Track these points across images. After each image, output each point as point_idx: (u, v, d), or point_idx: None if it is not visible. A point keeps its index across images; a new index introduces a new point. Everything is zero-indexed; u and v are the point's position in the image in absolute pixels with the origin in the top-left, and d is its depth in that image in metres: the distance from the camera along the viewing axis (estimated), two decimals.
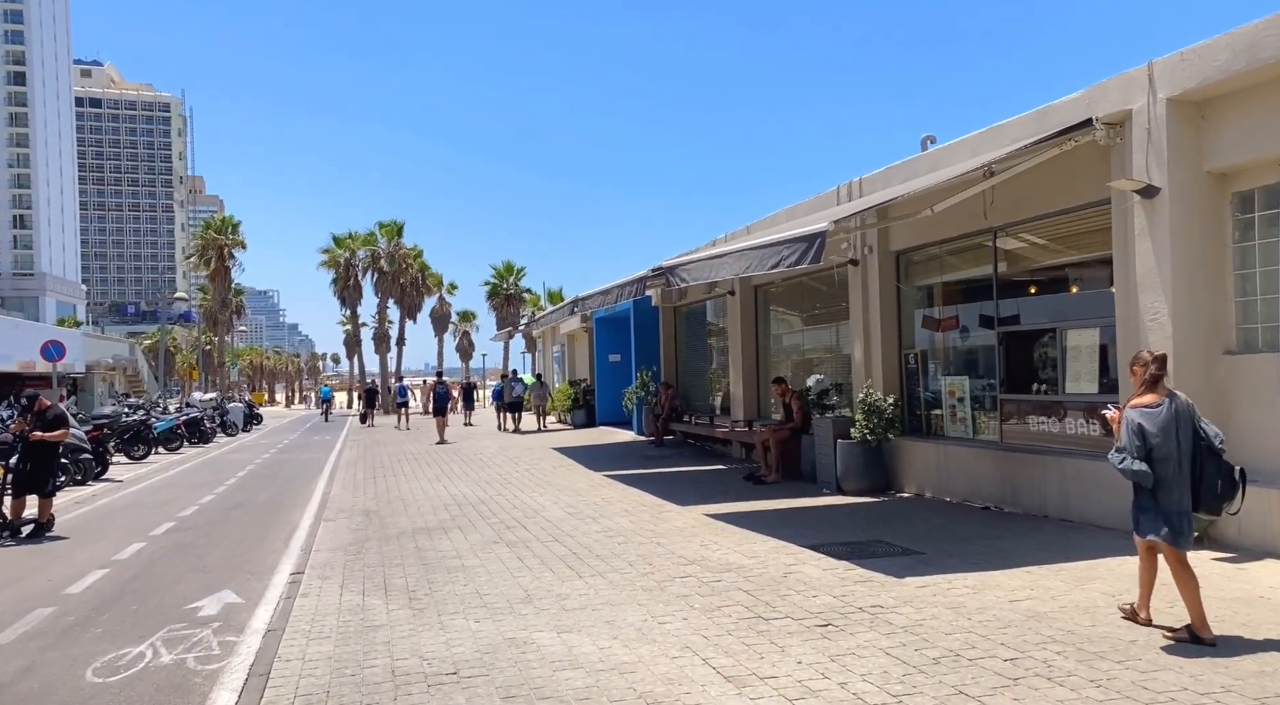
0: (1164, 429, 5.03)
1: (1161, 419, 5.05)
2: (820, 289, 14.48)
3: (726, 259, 9.25)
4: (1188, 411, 5.12)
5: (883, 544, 8.24)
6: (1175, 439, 5.04)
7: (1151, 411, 5.07)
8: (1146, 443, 5.02)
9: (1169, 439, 5.03)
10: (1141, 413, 5.09)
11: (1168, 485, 5.04)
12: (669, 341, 20.97)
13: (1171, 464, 5.03)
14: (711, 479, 13.96)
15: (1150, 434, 5.03)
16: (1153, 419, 5.05)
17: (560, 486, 13.63)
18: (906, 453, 11.24)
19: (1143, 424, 5.05)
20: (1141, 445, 5.03)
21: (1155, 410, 5.07)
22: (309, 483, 15.96)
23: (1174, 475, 5.03)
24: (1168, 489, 5.04)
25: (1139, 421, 5.05)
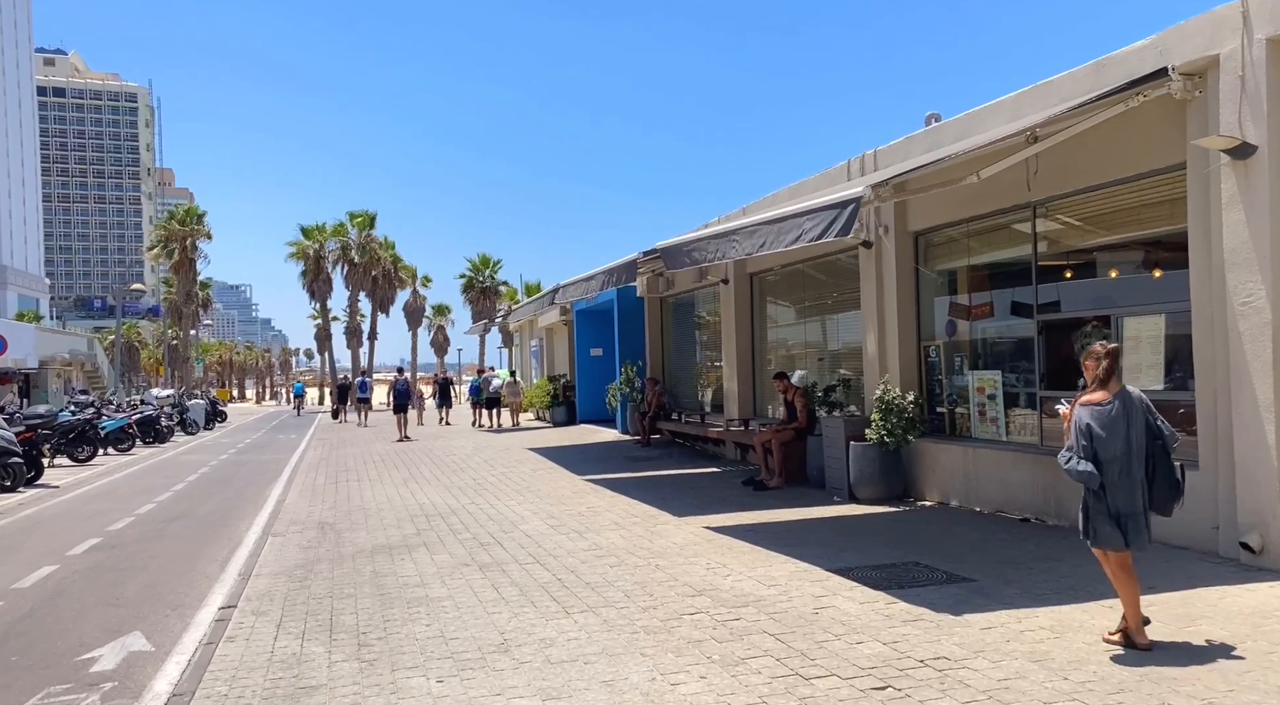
0: (1111, 428, 4.80)
1: (1109, 418, 4.81)
2: (821, 277, 13.28)
3: (735, 236, 8.01)
4: (1140, 408, 4.87)
5: (921, 567, 7.04)
6: (1125, 439, 4.80)
7: (1100, 410, 4.84)
8: (1093, 443, 4.81)
9: (1116, 439, 4.80)
10: (1090, 411, 4.87)
11: (1114, 487, 4.81)
12: (655, 334, 19.72)
13: (1118, 465, 4.80)
14: (707, 484, 12.73)
15: (1097, 434, 4.81)
16: (1100, 418, 4.83)
17: (541, 493, 12.35)
18: (928, 456, 10.07)
19: (1090, 423, 4.83)
20: (1088, 445, 4.82)
21: (1104, 408, 4.84)
22: (264, 488, 14.56)
23: (1121, 476, 4.81)
24: (1114, 490, 4.82)
25: (1086, 421, 4.84)
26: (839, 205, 6.42)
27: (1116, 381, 4.93)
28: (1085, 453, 4.84)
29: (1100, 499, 4.86)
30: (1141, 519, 4.85)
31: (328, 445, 23.13)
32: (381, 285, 51.55)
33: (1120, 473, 4.80)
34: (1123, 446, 4.79)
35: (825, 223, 6.48)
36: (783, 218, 7.19)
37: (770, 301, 14.80)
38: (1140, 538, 4.84)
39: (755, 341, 15.02)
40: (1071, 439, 4.94)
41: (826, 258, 12.67)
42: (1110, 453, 4.80)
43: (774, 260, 13.99)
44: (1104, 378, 4.90)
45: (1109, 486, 4.82)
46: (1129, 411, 4.83)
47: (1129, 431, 4.80)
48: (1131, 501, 4.82)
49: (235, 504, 12.89)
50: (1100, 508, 4.87)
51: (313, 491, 13.65)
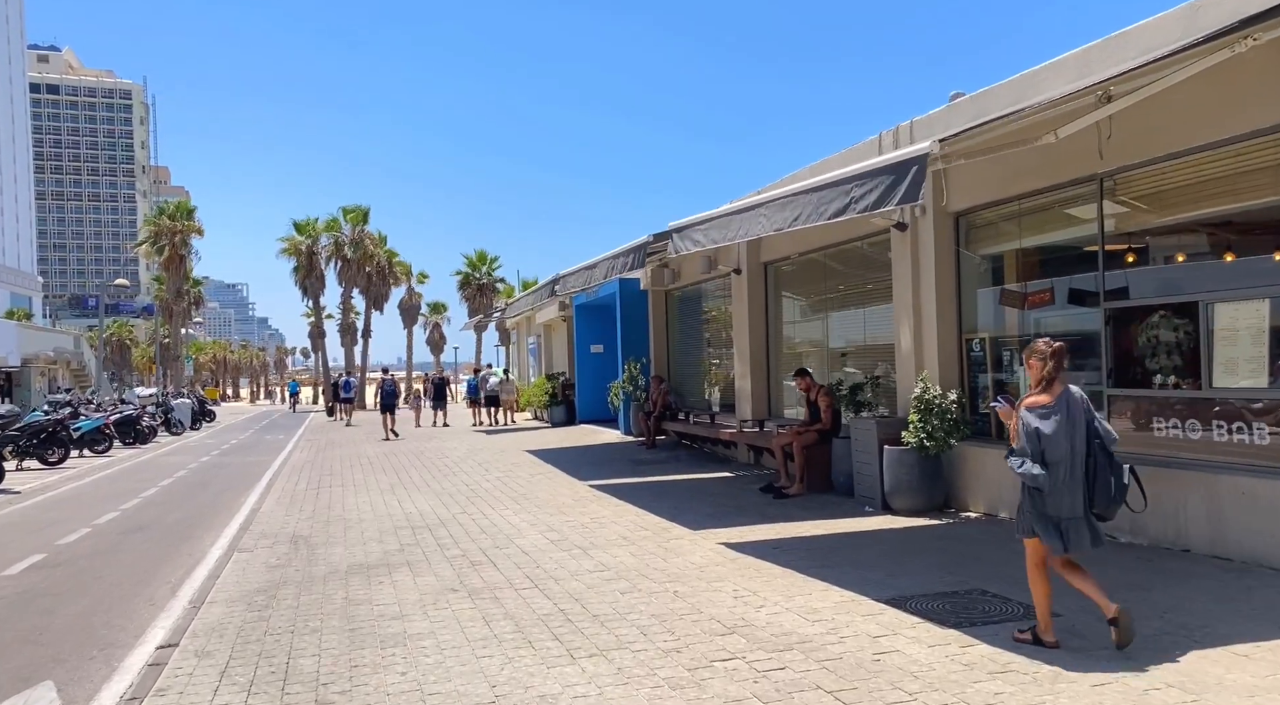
0: (1058, 431, 4.71)
1: (1056, 421, 4.71)
2: (843, 266, 12.21)
3: (764, 210, 6.94)
4: (1082, 409, 4.78)
5: (990, 598, 5.97)
6: (1069, 441, 4.71)
7: (1046, 411, 4.74)
8: (1041, 445, 4.71)
9: (1062, 442, 4.71)
10: (1037, 414, 4.76)
11: (1058, 490, 4.72)
12: (660, 329, 18.65)
13: (1064, 467, 4.71)
14: (720, 490, 11.66)
15: (1045, 436, 4.70)
16: (1048, 421, 4.72)
17: (539, 501, 11.27)
18: (973, 462, 9.01)
19: (1039, 427, 4.72)
20: (1036, 448, 4.72)
21: (1051, 411, 4.74)
22: (240, 494, 13.47)
23: (1065, 479, 4.72)
24: (1059, 494, 4.72)
25: (1035, 424, 4.73)
26: (896, 167, 5.35)
27: (1060, 382, 4.82)
28: (1034, 456, 4.71)
29: (1042, 502, 4.75)
30: (1083, 522, 4.74)
31: (315, 447, 22.04)
32: (375, 282, 50.38)
33: (1065, 476, 4.70)
34: (1067, 449, 4.70)
35: (881, 189, 5.41)
36: (824, 186, 6.12)
37: (787, 293, 13.73)
38: (1081, 541, 4.74)
39: (770, 336, 13.95)
40: (1020, 442, 4.80)
41: (850, 244, 11.61)
42: (1057, 455, 4.69)
43: (792, 247, 12.93)
44: (1049, 378, 4.79)
45: (1053, 490, 4.71)
46: (1073, 413, 4.73)
47: (1073, 433, 4.71)
48: (1074, 505, 4.72)
49: (206, 512, 11.80)
50: (1042, 511, 4.76)
51: (291, 498, 12.56)
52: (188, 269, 59.73)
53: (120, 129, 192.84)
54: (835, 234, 11.50)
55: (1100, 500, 4.75)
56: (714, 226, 7.80)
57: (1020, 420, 4.82)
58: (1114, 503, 4.79)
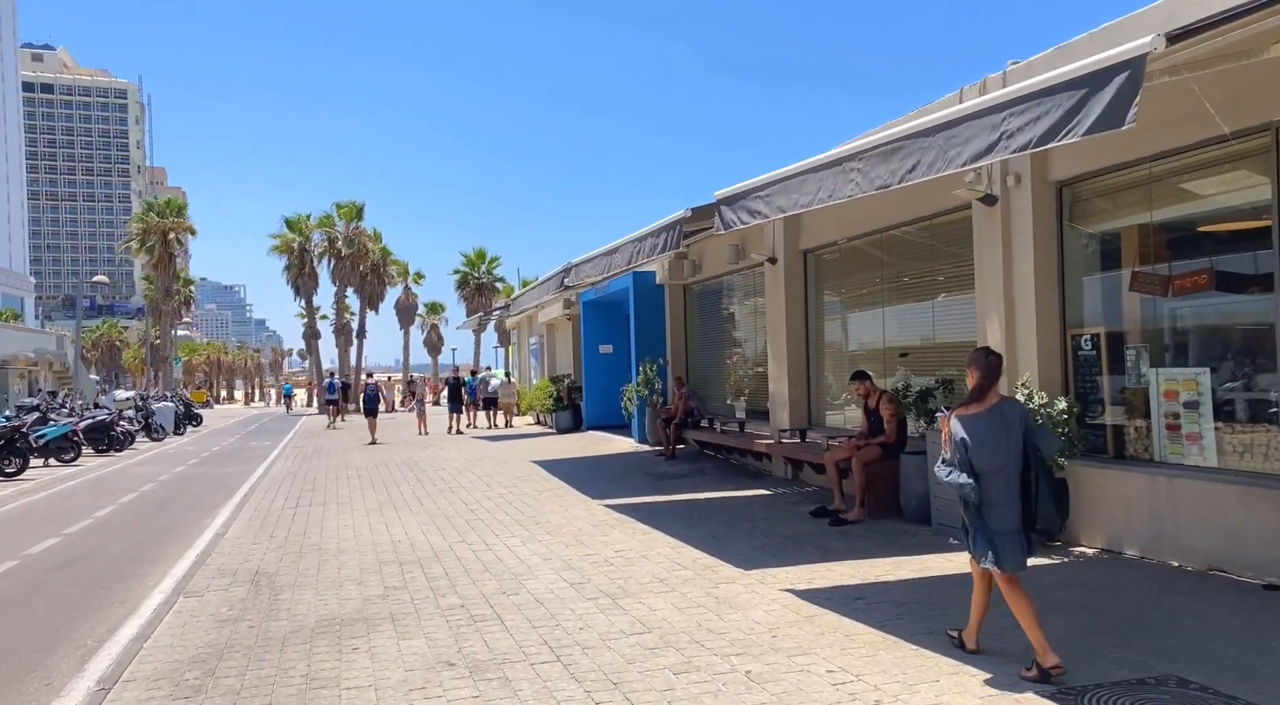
0: (986, 441, 4.49)
1: (987, 430, 4.51)
2: (901, 252, 10.54)
3: (855, 164, 5.28)
4: (1019, 420, 4.56)
5: (1199, 693, 4.29)
6: (1003, 453, 4.49)
7: (978, 421, 4.53)
8: (969, 456, 4.48)
9: (994, 453, 4.49)
10: (964, 422, 4.56)
11: (991, 504, 4.50)
12: (678, 327, 16.97)
13: (996, 480, 4.49)
14: (761, 513, 9.98)
15: (971, 447, 4.48)
16: (974, 430, 4.52)
17: (551, 526, 9.60)
18: (1090, 487, 7.33)
19: (966, 437, 4.51)
20: (964, 458, 4.49)
21: (982, 420, 4.53)
22: (207, 514, 11.79)
23: (1000, 492, 4.50)
24: (992, 507, 4.51)
25: (963, 434, 4.52)
26: (1091, 78, 3.69)
27: (996, 392, 4.66)
28: (962, 465, 4.53)
29: (978, 516, 4.57)
30: (1018, 538, 4.55)
31: (301, 455, 20.35)
32: (370, 280, 48.65)
33: (999, 489, 4.52)
34: (1000, 461, 4.51)
35: (1061, 112, 3.76)
36: (958, 120, 4.44)
37: (831, 285, 12.05)
38: (1015, 558, 4.53)
39: (811, 334, 12.28)
40: (949, 451, 4.62)
41: (915, 225, 9.97)
42: (988, 467, 4.51)
43: (838, 231, 11.28)
44: (984, 387, 4.62)
45: (986, 503, 4.53)
46: (1008, 424, 4.55)
47: (1008, 445, 4.52)
48: (1007, 519, 4.53)
49: (160, 539, 10.11)
50: (979, 525, 4.58)
51: (264, 520, 10.88)
52: (178, 268, 58.11)
53: (115, 129, 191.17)
54: (898, 211, 9.86)
55: (1042, 515, 4.54)
56: (779, 191, 6.14)
57: (950, 429, 4.61)
58: (1055, 517, 4.59)
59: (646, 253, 8.78)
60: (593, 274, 10.85)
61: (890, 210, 10.04)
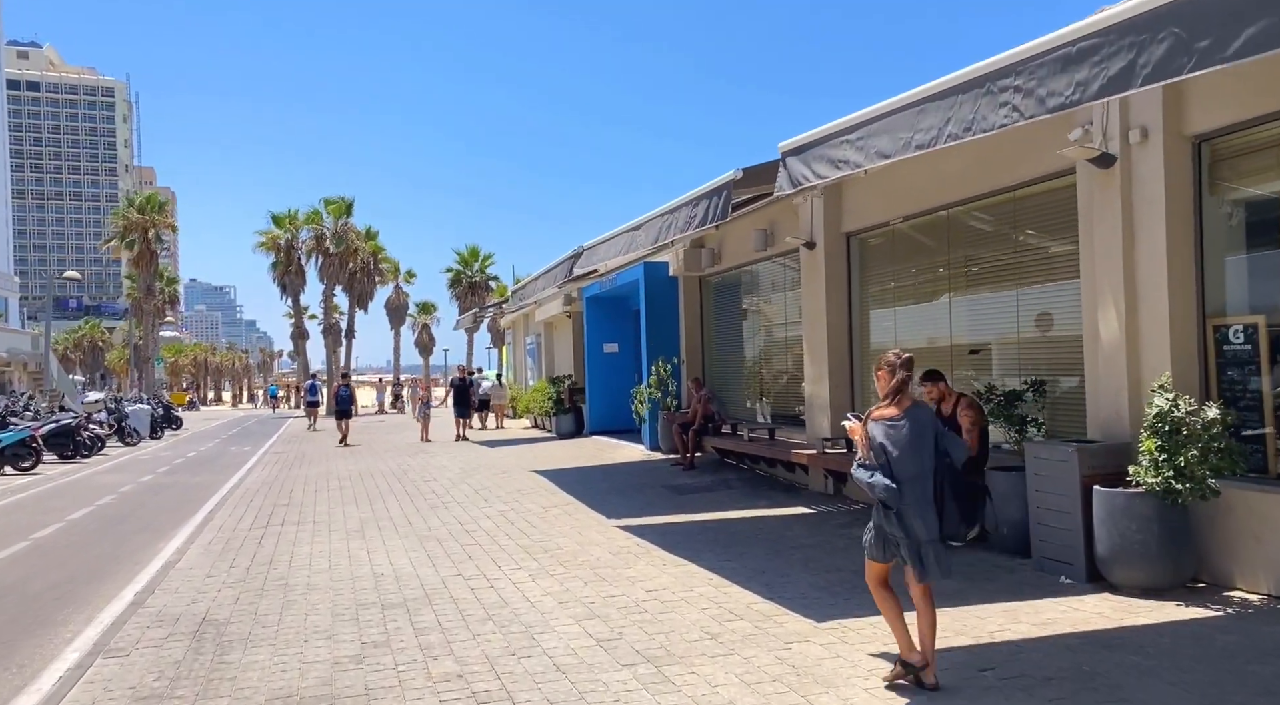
0: (906, 447, 4.35)
1: (903, 435, 4.36)
2: (972, 231, 9.06)
3: (1034, 73, 3.76)
4: (930, 425, 4.45)
5: None
6: (919, 457, 4.35)
7: (894, 426, 4.40)
8: (889, 462, 4.34)
9: (911, 458, 4.34)
10: (883, 428, 4.41)
11: (909, 511, 4.34)
12: (693, 323, 15.46)
13: (914, 487, 4.34)
14: (811, 538, 8.47)
15: (891, 453, 4.35)
16: (894, 435, 4.38)
17: (563, 554, 8.08)
18: (1248, 516, 5.85)
19: (884, 442, 4.37)
20: (884, 464, 4.35)
21: (898, 425, 4.40)
22: (162, 536, 10.22)
23: (916, 499, 4.34)
24: (909, 515, 4.34)
25: (880, 439, 4.38)
26: None
27: (908, 396, 4.49)
28: (883, 472, 4.34)
29: (894, 523, 4.38)
30: (938, 546, 4.39)
31: (282, 463, 18.76)
32: (360, 278, 46.98)
33: (916, 496, 4.34)
34: (916, 467, 4.36)
35: None
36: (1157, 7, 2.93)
37: (879, 272, 10.54)
38: (936, 567, 4.38)
39: (854, 329, 10.78)
40: (866, 455, 4.45)
41: (994, 198, 8.48)
42: (905, 473, 4.34)
43: (889, 209, 9.81)
44: (897, 391, 4.45)
45: (904, 510, 4.35)
46: (921, 429, 4.40)
47: (921, 449, 4.37)
48: (927, 527, 4.36)
49: (99, 570, 8.54)
50: (896, 534, 4.38)
51: (226, 544, 9.34)
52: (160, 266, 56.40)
53: (102, 127, 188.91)
54: (971, 182, 8.39)
55: (949, 523, 4.41)
56: (881, 130, 4.66)
57: (867, 433, 4.45)
58: (966, 523, 4.48)
59: (680, 227, 7.25)
60: (608, 257, 9.34)
61: (959, 182, 8.57)
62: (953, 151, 8.72)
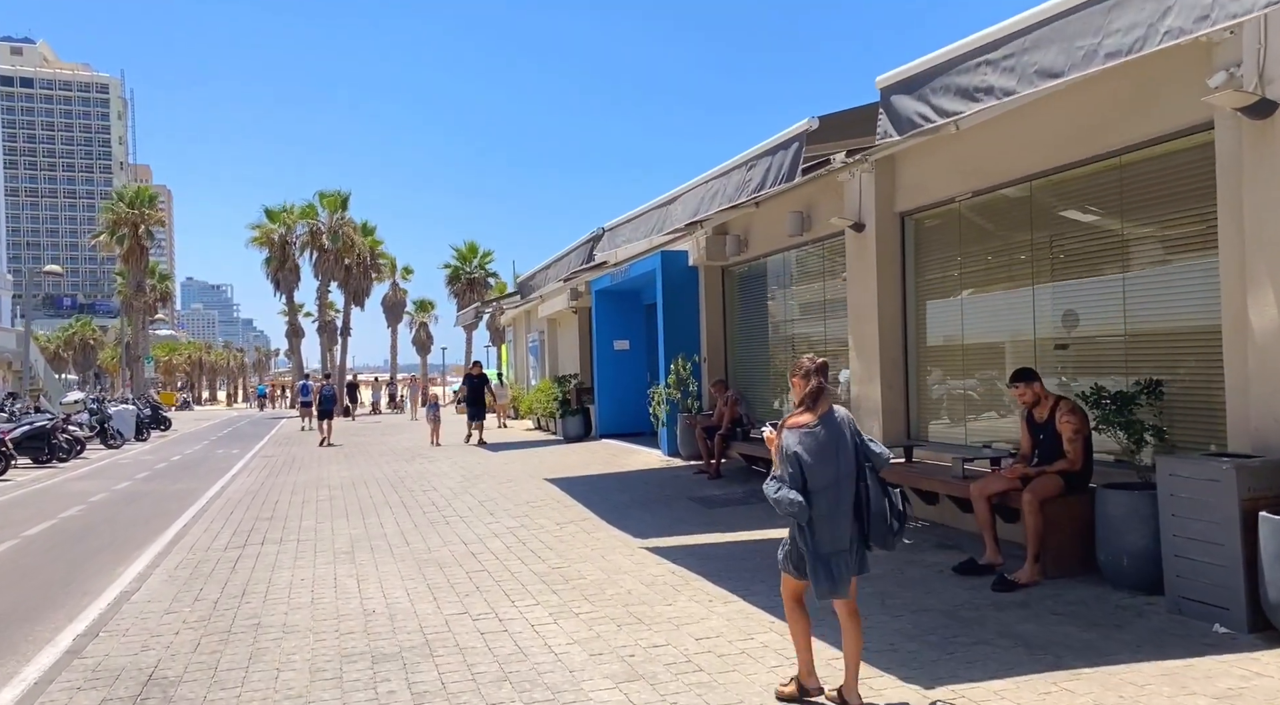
0: (821, 454, 4.11)
1: (819, 442, 4.12)
2: (1061, 208, 7.83)
3: None
4: (849, 430, 4.21)
5: None
6: (835, 465, 4.12)
7: (809, 433, 4.14)
8: (803, 471, 4.09)
9: (827, 466, 4.11)
10: (798, 435, 4.14)
11: (823, 521, 4.11)
12: (715, 318, 14.22)
13: (830, 495, 4.10)
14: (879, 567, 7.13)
15: (806, 461, 4.09)
16: (809, 443, 4.11)
17: (587, 585, 6.84)
18: None
19: (799, 450, 4.09)
20: (797, 473, 4.09)
21: (813, 431, 4.14)
22: (124, 557, 8.99)
23: (833, 509, 4.10)
24: (823, 526, 4.11)
25: (795, 448, 4.11)
26: None
27: (825, 401, 4.22)
28: (794, 481, 4.10)
29: (808, 536, 4.12)
30: (851, 557, 4.17)
31: (269, 468, 17.51)
32: (356, 275, 45.64)
33: (831, 505, 4.11)
34: (833, 475, 4.12)
35: None
36: None
37: (940, 257, 9.30)
38: (846, 577, 4.16)
39: (909, 323, 9.55)
40: (779, 468, 4.17)
41: (1083, 169, 7.24)
42: (820, 482, 4.10)
43: (955, 185, 8.58)
44: (813, 396, 4.21)
45: (817, 521, 4.10)
46: (837, 435, 4.16)
47: (839, 457, 4.14)
48: (841, 538, 4.13)
49: (40, 604, 7.29)
50: (809, 546, 4.12)
51: (194, 569, 8.10)
52: (151, 262, 55.16)
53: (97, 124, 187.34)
54: (1068, 147, 7.16)
55: (877, 531, 4.18)
56: (1036, 45, 3.42)
57: (781, 443, 4.17)
58: (893, 533, 4.22)
59: (730, 195, 5.99)
60: (634, 239, 8.11)
61: (1047, 148, 7.36)
62: (1040, 113, 7.50)
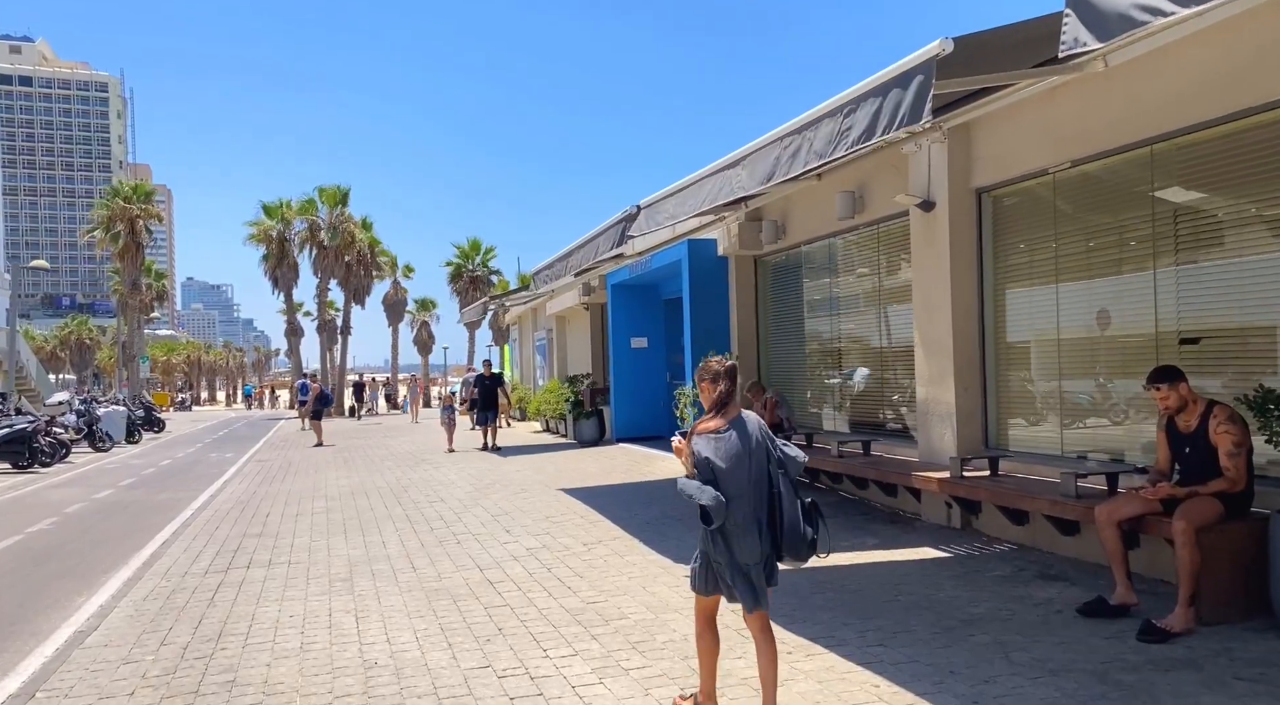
0: (733, 460, 3.89)
1: (730, 448, 3.91)
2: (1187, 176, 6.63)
3: None
4: (760, 435, 3.98)
5: None
6: (747, 471, 3.89)
7: (718, 439, 3.94)
8: (716, 478, 3.87)
9: (738, 473, 3.89)
10: (708, 441, 3.95)
11: (737, 531, 3.88)
12: (747, 313, 13.01)
13: (744, 504, 3.87)
14: (982, 602, 6.03)
15: (718, 467, 3.88)
16: (719, 448, 3.91)
17: (632, 627, 5.66)
18: None
19: (710, 456, 3.90)
20: (710, 481, 3.87)
21: (723, 437, 3.94)
22: (86, 585, 7.82)
23: (747, 518, 3.88)
24: (741, 534, 3.88)
25: (706, 454, 3.91)
26: None
27: (735, 405, 4.05)
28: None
29: (721, 547, 3.92)
30: (764, 569, 3.96)
31: (263, 474, 16.34)
32: (356, 272, 44.44)
33: (742, 515, 3.87)
34: (745, 482, 3.89)
35: None
36: None
37: (1025, 238, 8.10)
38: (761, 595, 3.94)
39: (986, 315, 8.36)
40: (691, 473, 3.97)
41: (1225, 126, 6.05)
42: (733, 489, 3.87)
43: (1052, 153, 7.39)
44: (722, 401, 4.03)
45: (732, 531, 3.90)
46: (748, 440, 3.94)
47: (750, 464, 3.91)
48: (755, 548, 3.90)
49: None
50: (728, 558, 3.91)
51: (166, 602, 6.93)
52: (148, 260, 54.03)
53: (96, 123, 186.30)
54: (1198, 104, 5.97)
55: (790, 541, 3.90)
56: None
57: (692, 449, 3.97)
58: (806, 544, 3.92)
59: (821, 150, 4.76)
60: (681, 212, 6.92)
61: (1172, 106, 6.17)
62: (1165, 66, 6.32)
